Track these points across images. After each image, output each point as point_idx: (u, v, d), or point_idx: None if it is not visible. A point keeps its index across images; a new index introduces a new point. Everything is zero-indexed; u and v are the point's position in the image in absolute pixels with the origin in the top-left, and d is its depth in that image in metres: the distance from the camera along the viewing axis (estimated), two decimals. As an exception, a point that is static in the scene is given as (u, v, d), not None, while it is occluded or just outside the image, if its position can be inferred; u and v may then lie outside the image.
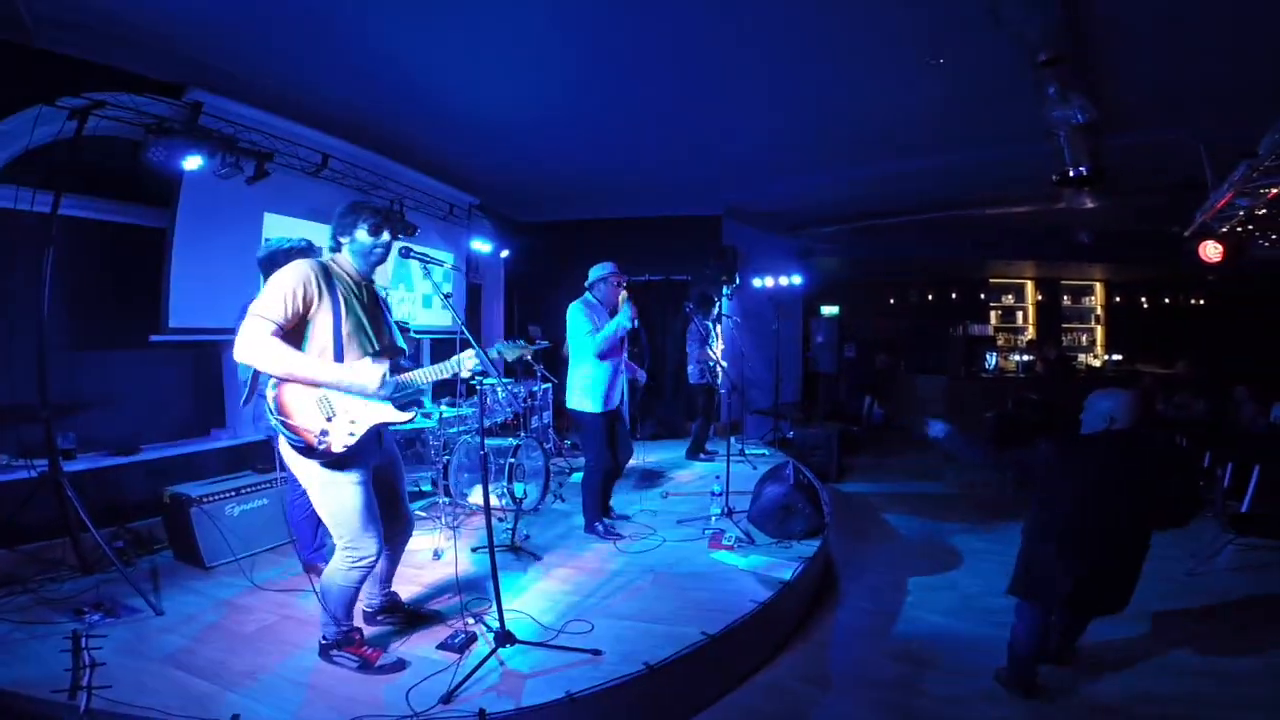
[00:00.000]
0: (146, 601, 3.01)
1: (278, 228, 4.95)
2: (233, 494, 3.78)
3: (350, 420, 2.36)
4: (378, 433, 2.47)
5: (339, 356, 2.35)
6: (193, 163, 3.92)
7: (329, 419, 2.33)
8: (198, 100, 4.23)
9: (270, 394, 2.31)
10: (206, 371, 4.75)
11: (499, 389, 5.20)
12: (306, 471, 2.38)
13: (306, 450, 2.31)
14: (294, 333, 2.31)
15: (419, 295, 6.86)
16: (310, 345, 2.33)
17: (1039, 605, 2.79)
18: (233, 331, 2.26)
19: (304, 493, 2.98)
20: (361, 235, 2.44)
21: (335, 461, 2.34)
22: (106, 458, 3.96)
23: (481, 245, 7.23)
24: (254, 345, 2.21)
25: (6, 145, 3.52)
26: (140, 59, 4.02)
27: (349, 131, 5.36)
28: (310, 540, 3.44)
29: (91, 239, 4.02)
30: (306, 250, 3.14)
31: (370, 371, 2.33)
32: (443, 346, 7.20)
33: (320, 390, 2.33)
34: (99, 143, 3.78)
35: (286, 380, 2.30)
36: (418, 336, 6.88)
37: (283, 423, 2.29)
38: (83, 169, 3.73)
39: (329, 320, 2.33)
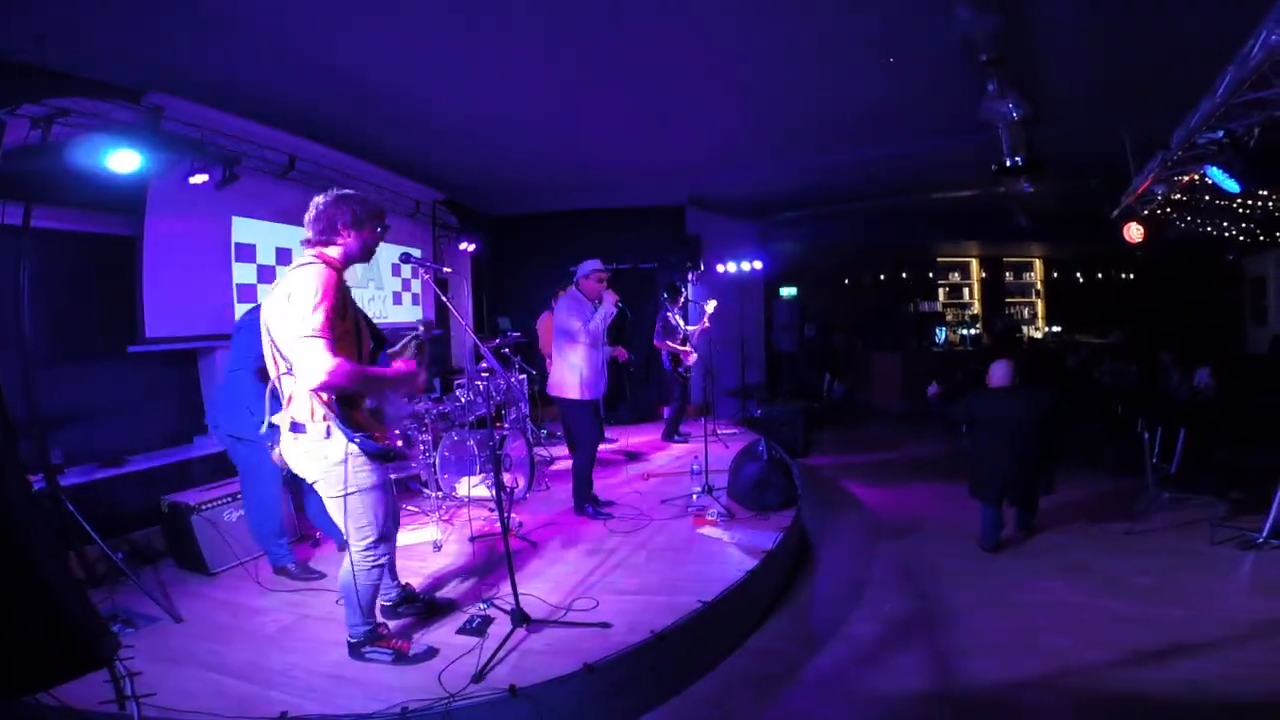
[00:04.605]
0: (164, 609, 3.07)
1: (247, 231, 4.94)
2: (229, 499, 3.83)
3: (388, 417, 2.50)
4: None
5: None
6: (157, 168, 3.85)
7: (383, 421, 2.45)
8: (158, 104, 4.13)
9: (326, 411, 2.26)
10: (185, 379, 4.72)
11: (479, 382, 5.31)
12: (361, 478, 2.36)
13: (384, 454, 2.35)
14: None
15: (389, 292, 6.88)
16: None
17: (989, 503, 4.30)
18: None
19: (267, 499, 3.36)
20: (360, 231, 2.40)
21: (386, 462, 2.42)
22: (95, 470, 3.94)
23: (448, 239, 7.27)
24: (326, 369, 2.14)
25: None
26: (97, 64, 3.92)
27: (315, 131, 5.31)
28: (275, 543, 3.59)
29: (63, 250, 3.94)
30: None
31: (408, 365, 2.42)
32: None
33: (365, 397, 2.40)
34: (59, 151, 3.70)
35: (350, 393, 2.27)
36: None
37: (365, 436, 2.29)
38: (47, 179, 3.65)
39: (350, 325, 2.37)
